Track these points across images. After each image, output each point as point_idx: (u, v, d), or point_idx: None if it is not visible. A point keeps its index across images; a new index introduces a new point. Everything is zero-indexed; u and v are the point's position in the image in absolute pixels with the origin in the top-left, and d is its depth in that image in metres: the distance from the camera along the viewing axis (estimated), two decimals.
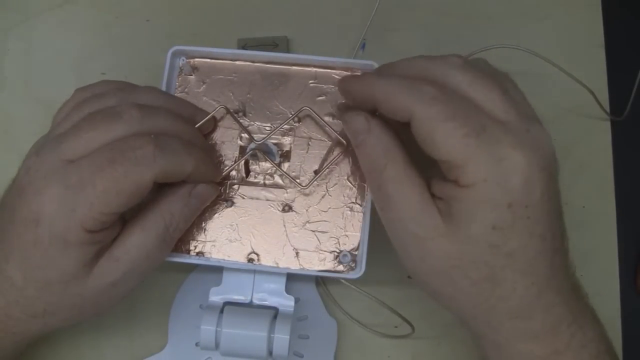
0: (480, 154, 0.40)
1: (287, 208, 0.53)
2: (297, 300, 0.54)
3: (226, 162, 0.54)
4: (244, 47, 0.64)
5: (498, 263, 0.41)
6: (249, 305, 0.54)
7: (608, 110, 0.63)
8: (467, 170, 0.40)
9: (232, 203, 0.54)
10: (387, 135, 0.45)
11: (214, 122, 0.55)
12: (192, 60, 0.57)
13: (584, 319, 0.44)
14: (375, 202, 0.46)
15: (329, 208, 0.53)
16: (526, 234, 0.41)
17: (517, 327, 0.43)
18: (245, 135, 0.55)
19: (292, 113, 0.54)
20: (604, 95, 0.63)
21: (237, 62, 0.56)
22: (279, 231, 0.53)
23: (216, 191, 0.52)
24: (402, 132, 0.45)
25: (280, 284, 0.54)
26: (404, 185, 0.44)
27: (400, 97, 0.43)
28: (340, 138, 0.54)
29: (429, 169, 0.44)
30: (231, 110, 0.55)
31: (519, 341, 0.44)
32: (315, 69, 0.56)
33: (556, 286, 0.43)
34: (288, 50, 0.65)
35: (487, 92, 0.42)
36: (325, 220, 0.53)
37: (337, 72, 0.56)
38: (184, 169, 0.47)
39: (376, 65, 0.54)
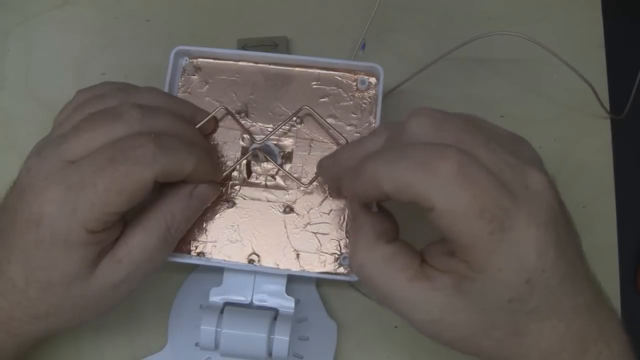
0: (502, 247, 0.38)
1: (288, 209, 0.53)
2: (297, 302, 0.54)
3: (228, 163, 0.54)
4: (244, 48, 0.64)
5: (520, 321, 0.40)
6: (249, 306, 0.54)
7: (608, 108, 0.63)
8: (481, 257, 0.38)
9: (234, 204, 0.54)
10: (367, 232, 0.44)
11: (215, 123, 0.55)
12: (195, 61, 0.57)
13: (610, 332, 0.43)
14: (380, 303, 0.45)
15: (330, 210, 0.53)
16: (546, 290, 0.39)
17: None
18: (247, 136, 0.55)
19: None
20: (604, 95, 0.63)
21: (240, 63, 0.57)
22: (280, 232, 0.53)
23: (217, 191, 0.52)
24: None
25: (280, 285, 0.54)
26: (391, 284, 0.42)
27: (414, 186, 0.38)
28: (342, 138, 0.54)
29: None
30: (232, 111, 0.55)
31: None
32: (318, 71, 0.56)
33: (583, 307, 0.42)
34: (288, 51, 0.65)
35: (485, 152, 0.39)
36: (326, 222, 0.53)
37: (340, 73, 0.56)
38: (184, 168, 0.47)
39: (380, 68, 0.54)
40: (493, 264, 0.38)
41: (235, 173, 0.54)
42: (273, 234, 0.53)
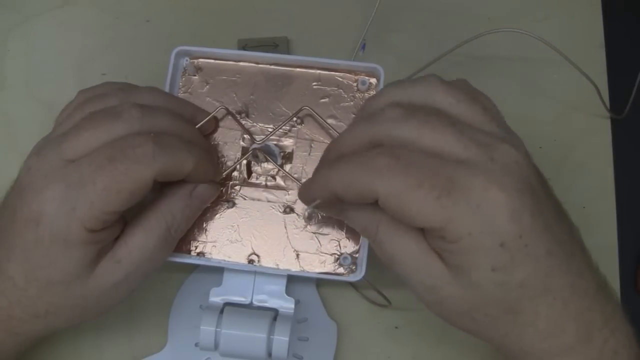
0: (458, 210, 0.39)
1: (289, 210, 0.54)
2: (297, 302, 0.54)
3: (228, 163, 0.54)
4: (244, 48, 0.64)
5: (512, 296, 0.41)
6: (249, 306, 0.54)
7: (609, 108, 0.63)
8: (449, 230, 0.39)
9: (234, 204, 0.54)
10: (364, 206, 0.45)
11: (215, 123, 0.55)
12: (195, 61, 0.57)
13: (614, 321, 0.43)
14: (382, 259, 0.45)
15: None
16: (530, 260, 0.40)
17: (551, 346, 0.42)
18: (247, 136, 0.55)
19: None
20: (604, 96, 0.63)
21: (241, 63, 0.57)
22: (280, 233, 0.53)
23: (217, 191, 0.52)
24: None
25: (280, 285, 0.54)
26: (400, 244, 0.43)
27: (357, 182, 0.41)
28: None
29: None
30: (233, 111, 0.55)
31: (554, 358, 0.43)
32: (318, 71, 0.56)
33: (582, 289, 0.42)
34: (288, 51, 0.65)
35: (438, 135, 0.41)
36: (326, 223, 0.53)
37: (341, 74, 0.56)
38: (184, 167, 0.47)
39: (380, 68, 0.54)
40: (459, 229, 0.39)
41: (235, 173, 0.54)
42: (273, 234, 0.53)
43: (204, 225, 0.53)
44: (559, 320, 0.42)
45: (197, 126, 0.52)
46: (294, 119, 0.55)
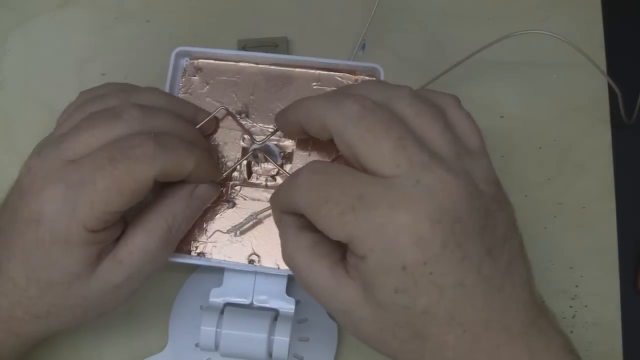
0: (360, 227, 0.39)
1: None
2: (297, 303, 0.54)
3: (228, 164, 0.54)
4: (244, 48, 0.64)
5: (417, 321, 0.40)
6: (250, 306, 0.54)
7: (608, 110, 0.63)
8: (354, 245, 0.39)
9: (234, 204, 0.54)
10: (290, 226, 0.45)
11: (216, 123, 0.55)
12: (195, 61, 0.57)
13: (547, 356, 0.42)
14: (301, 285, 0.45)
15: None
16: (434, 288, 0.39)
17: None
18: (247, 137, 0.55)
19: None
20: (604, 97, 0.63)
21: (241, 64, 0.57)
22: None
23: (217, 192, 0.52)
24: None
25: (281, 285, 0.53)
26: (313, 269, 0.43)
27: (284, 195, 0.45)
28: None
29: None
30: (233, 112, 0.55)
31: None
32: (318, 71, 0.56)
33: (501, 326, 0.40)
34: (288, 51, 0.65)
35: (374, 147, 0.40)
36: None
37: (341, 74, 0.56)
38: (184, 167, 0.47)
39: (380, 68, 0.54)
40: (361, 245, 0.39)
41: (235, 173, 0.54)
42: (273, 234, 0.53)
43: (205, 225, 0.53)
44: (469, 354, 0.40)
45: (197, 127, 0.52)
46: None
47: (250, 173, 0.55)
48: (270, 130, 0.55)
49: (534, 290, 0.43)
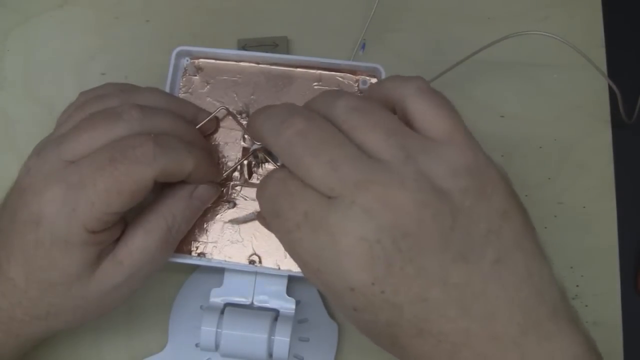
0: (304, 246, 0.39)
1: None
2: (298, 303, 0.54)
3: (229, 164, 0.54)
4: (244, 48, 0.64)
5: (387, 333, 0.39)
6: (250, 307, 0.54)
7: (609, 110, 0.63)
8: (302, 263, 0.40)
9: (234, 204, 0.54)
10: None
11: (216, 123, 0.55)
12: (196, 61, 0.57)
13: None
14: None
15: None
16: (390, 305, 0.37)
17: None
18: (248, 137, 0.55)
19: None
20: (604, 97, 0.63)
21: (242, 63, 0.57)
22: None
23: (217, 192, 0.52)
24: None
25: (281, 286, 0.53)
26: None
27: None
28: None
29: None
30: (234, 112, 0.55)
31: None
32: (319, 71, 0.56)
33: (486, 334, 0.38)
34: (288, 51, 0.65)
35: (309, 175, 0.39)
36: None
37: (342, 74, 0.56)
38: (184, 168, 0.47)
39: (381, 68, 0.54)
40: (309, 265, 0.39)
41: (236, 174, 0.54)
42: (274, 234, 0.53)
43: (205, 225, 0.53)
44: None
45: (197, 127, 0.52)
46: None
47: (250, 173, 0.55)
48: None
49: (545, 287, 0.39)
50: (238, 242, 0.53)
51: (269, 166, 0.54)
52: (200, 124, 0.52)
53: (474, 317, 0.38)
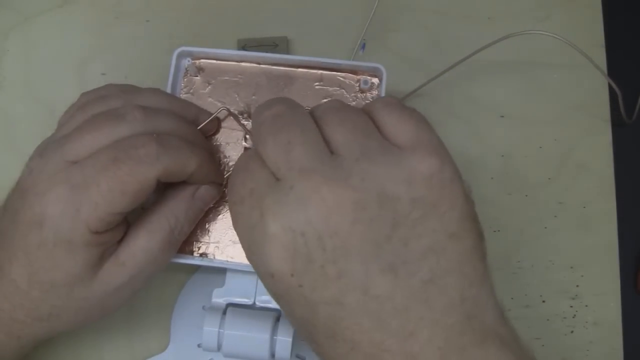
0: (240, 222, 0.40)
1: None
2: None
3: (230, 164, 0.54)
4: (243, 48, 0.64)
5: (302, 328, 0.40)
6: (252, 307, 0.54)
7: (609, 110, 0.63)
8: (239, 239, 0.41)
9: None
10: None
11: (218, 124, 0.55)
12: (197, 62, 0.57)
13: None
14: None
15: None
16: (305, 302, 0.37)
17: None
18: (249, 137, 0.55)
19: None
20: (604, 97, 0.63)
21: (243, 64, 0.57)
22: None
23: (219, 193, 0.52)
24: None
25: None
26: None
27: None
28: None
29: None
30: (235, 112, 0.55)
31: None
32: (321, 71, 0.56)
33: (403, 352, 0.37)
34: (288, 51, 0.65)
35: (266, 148, 0.40)
36: None
37: (343, 74, 0.56)
38: (187, 167, 0.47)
39: (382, 68, 0.54)
40: (242, 241, 0.40)
41: None
42: None
43: (207, 226, 0.53)
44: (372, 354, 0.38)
45: (199, 127, 0.52)
46: None
47: None
48: None
49: (477, 313, 0.38)
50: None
51: None
52: (202, 125, 0.52)
53: (391, 332, 0.37)
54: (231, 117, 0.55)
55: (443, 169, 0.38)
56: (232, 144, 0.55)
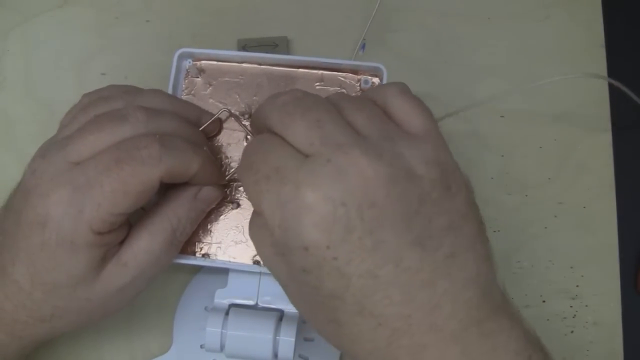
0: (268, 200, 0.38)
1: None
2: None
3: (232, 165, 0.54)
4: (243, 48, 0.64)
5: (327, 304, 0.39)
6: (255, 307, 0.54)
7: (609, 111, 0.64)
8: (265, 218, 0.39)
9: (238, 205, 0.54)
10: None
11: (219, 125, 0.55)
12: (198, 63, 0.57)
13: None
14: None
15: None
16: (338, 274, 0.37)
17: None
18: (250, 138, 0.55)
19: None
20: (604, 97, 0.64)
21: (244, 65, 0.56)
22: None
23: (221, 193, 0.52)
24: None
25: None
26: (259, 245, 0.43)
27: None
28: None
29: None
30: (236, 113, 0.55)
31: None
32: (321, 72, 0.56)
33: (428, 324, 0.38)
34: (288, 51, 0.65)
35: (293, 127, 0.40)
36: None
37: (344, 74, 0.56)
38: (190, 168, 0.47)
39: (383, 68, 0.54)
40: (270, 219, 0.39)
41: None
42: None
43: (209, 226, 0.53)
44: (388, 349, 0.39)
45: (200, 128, 0.52)
46: None
47: None
48: None
49: (489, 289, 0.40)
50: (242, 242, 0.53)
51: None
52: (204, 126, 0.52)
53: (418, 304, 0.38)
54: (232, 118, 0.55)
55: (447, 157, 0.40)
56: (233, 144, 0.55)
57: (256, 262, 0.52)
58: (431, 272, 0.38)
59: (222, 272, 0.55)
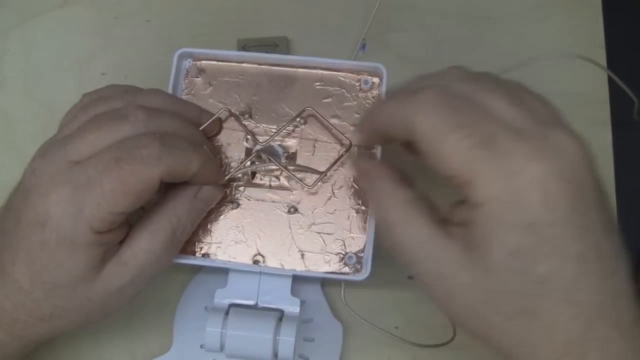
0: (489, 167, 0.36)
1: (293, 210, 0.53)
2: (302, 303, 0.54)
3: (232, 164, 0.54)
4: (243, 48, 0.64)
5: (530, 292, 0.36)
6: (255, 307, 0.54)
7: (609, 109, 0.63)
8: (476, 186, 0.36)
9: (238, 205, 0.54)
10: (385, 180, 0.43)
11: (219, 124, 0.55)
12: (198, 63, 0.57)
13: None
14: (389, 248, 0.42)
15: (335, 210, 0.53)
16: (557, 255, 0.36)
17: None
18: (250, 137, 0.55)
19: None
20: (604, 96, 0.64)
21: (244, 65, 0.57)
22: (285, 233, 0.53)
23: (221, 193, 0.52)
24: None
25: (285, 286, 0.53)
26: (409, 226, 0.40)
27: (399, 112, 0.41)
28: (346, 139, 0.54)
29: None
30: (236, 113, 0.55)
31: None
32: (321, 71, 0.56)
33: (613, 317, 0.36)
34: (288, 51, 0.65)
35: (495, 99, 0.39)
36: (330, 222, 0.53)
37: (343, 74, 0.56)
38: (190, 167, 0.47)
39: (383, 68, 0.54)
40: (485, 189, 0.36)
41: (239, 174, 0.54)
42: (278, 234, 0.53)
43: (209, 226, 0.53)
44: (579, 342, 0.36)
45: (200, 128, 0.52)
46: (297, 119, 0.55)
47: (254, 173, 0.55)
48: (274, 130, 0.55)
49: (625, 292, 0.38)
50: (242, 242, 0.53)
51: (272, 167, 0.54)
52: (204, 125, 0.52)
53: (607, 295, 0.37)
54: (232, 118, 0.55)
55: None
56: (233, 144, 0.55)
57: (256, 262, 0.52)
58: (612, 261, 0.37)
59: (222, 272, 0.55)
